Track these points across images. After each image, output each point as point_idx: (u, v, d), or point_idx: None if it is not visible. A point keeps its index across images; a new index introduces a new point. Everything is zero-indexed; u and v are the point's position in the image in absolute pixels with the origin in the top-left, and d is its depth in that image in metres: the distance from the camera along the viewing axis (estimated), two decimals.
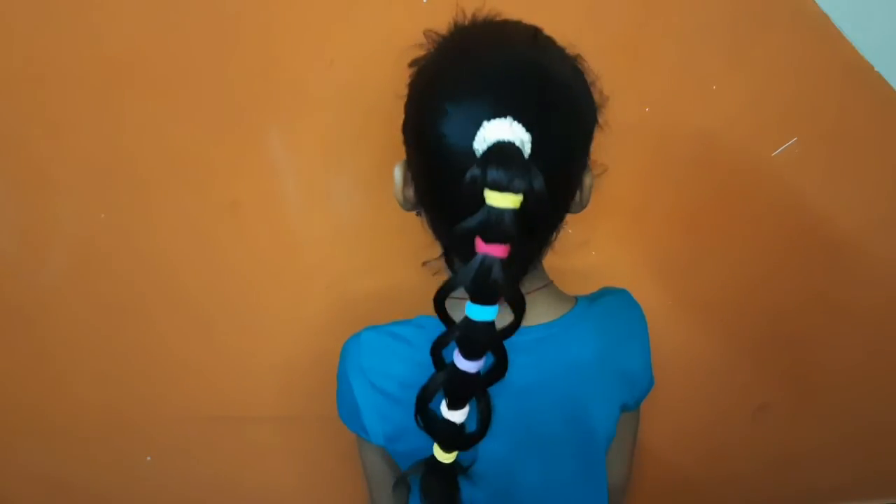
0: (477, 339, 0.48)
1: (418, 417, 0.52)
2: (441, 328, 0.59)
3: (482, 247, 0.45)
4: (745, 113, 0.87)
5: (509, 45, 0.53)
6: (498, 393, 0.59)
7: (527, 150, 0.47)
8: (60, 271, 0.85)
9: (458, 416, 0.51)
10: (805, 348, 1.04)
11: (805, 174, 0.91)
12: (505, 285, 0.46)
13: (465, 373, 0.49)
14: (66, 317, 0.87)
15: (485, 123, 0.47)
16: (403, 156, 0.58)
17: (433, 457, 0.54)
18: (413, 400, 0.59)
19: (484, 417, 0.51)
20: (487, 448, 0.60)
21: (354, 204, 0.86)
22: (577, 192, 0.57)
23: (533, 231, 0.47)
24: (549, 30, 0.55)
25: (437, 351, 0.50)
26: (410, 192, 0.58)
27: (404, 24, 0.57)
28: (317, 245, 0.88)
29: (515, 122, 0.46)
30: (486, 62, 0.51)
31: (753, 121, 0.88)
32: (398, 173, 0.58)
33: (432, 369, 0.59)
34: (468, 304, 0.47)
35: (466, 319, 0.48)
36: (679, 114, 0.86)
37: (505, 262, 0.45)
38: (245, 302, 0.89)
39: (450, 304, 0.61)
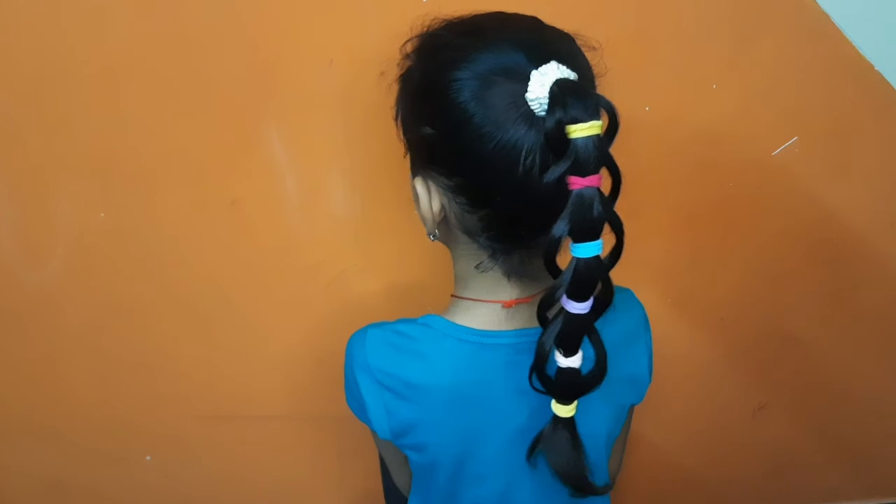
0: (590, 276, 0.48)
1: (533, 378, 0.52)
2: (448, 328, 0.59)
3: (578, 182, 0.45)
4: (745, 112, 0.87)
5: (510, 16, 0.53)
6: (499, 393, 0.59)
7: None
8: (60, 270, 0.85)
9: (576, 361, 0.51)
10: (805, 348, 1.04)
11: (805, 173, 0.91)
12: (608, 213, 0.47)
13: (578, 315, 0.49)
14: (65, 316, 0.87)
15: (532, 73, 0.47)
16: (404, 154, 0.58)
17: (555, 416, 0.54)
18: (419, 398, 0.59)
19: (600, 353, 0.51)
20: (491, 447, 0.60)
21: (354, 203, 0.86)
22: None
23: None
24: None
25: (543, 312, 0.50)
26: (437, 205, 0.56)
27: (404, 24, 0.57)
28: (317, 244, 0.88)
29: (560, 65, 0.47)
30: (499, 30, 0.51)
31: (753, 120, 0.88)
32: (420, 188, 0.56)
33: (439, 368, 0.59)
34: (573, 245, 0.47)
35: (575, 262, 0.48)
36: (679, 113, 0.86)
37: (600, 191, 0.46)
38: (245, 301, 0.89)
39: (457, 307, 0.61)
